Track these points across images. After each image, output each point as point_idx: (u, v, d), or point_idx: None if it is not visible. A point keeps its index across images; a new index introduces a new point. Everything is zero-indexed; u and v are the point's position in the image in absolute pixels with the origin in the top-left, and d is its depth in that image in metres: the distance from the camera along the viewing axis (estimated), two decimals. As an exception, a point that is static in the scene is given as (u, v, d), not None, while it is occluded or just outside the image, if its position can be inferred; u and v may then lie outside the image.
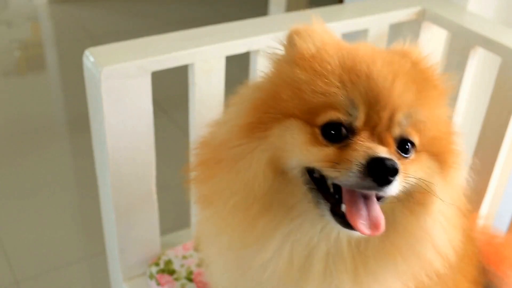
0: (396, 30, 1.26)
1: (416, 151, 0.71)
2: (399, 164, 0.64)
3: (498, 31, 1.14)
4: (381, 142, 0.67)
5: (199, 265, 1.18)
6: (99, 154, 1.09)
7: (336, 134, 0.68)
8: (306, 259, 0.73)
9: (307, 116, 0.69)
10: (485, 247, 1.01)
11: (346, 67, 0.70)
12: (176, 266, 1.19)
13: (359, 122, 0.68)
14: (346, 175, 0.64)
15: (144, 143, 1.06)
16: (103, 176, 1.10)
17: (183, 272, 1.18)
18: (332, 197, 0.68)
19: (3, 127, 2.46)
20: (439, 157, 0.74)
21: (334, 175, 0.65)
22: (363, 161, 0.63)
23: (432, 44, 1.29)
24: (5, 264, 1.80)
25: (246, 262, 0.77)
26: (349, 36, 1.17)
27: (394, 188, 0.65)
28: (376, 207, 0.68)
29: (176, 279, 1.16)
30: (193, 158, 0.81)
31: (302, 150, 0.68)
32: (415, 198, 0.71)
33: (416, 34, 1.26)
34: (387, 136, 0.68)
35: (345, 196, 0.67)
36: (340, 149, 0.67)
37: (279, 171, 0.71)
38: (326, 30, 0.77)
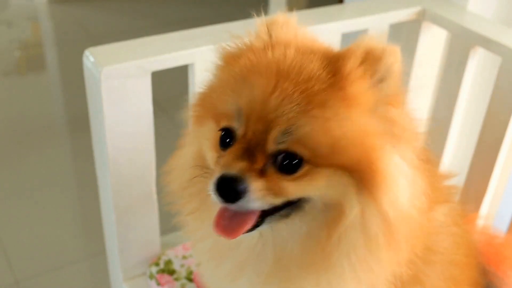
0: (396, 30, 1.26)
1: (313, 165, 0.67)
2: (248, 183, 0.65)
3: (498, 31, 1.14)
4: (250, 157, 0.67)
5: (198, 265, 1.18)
6: (99, 154, 1.09)
7: (226, 141, 0.71)
8: (231, 250, 0.77)
9: (215, 119, 0.73)
10: (485, 248, 1.01)
11: (242, 75, 0.70)
12: (176, 266, 1.19)
13: (239, 132, 0.69)
14: (210, 187, 0.67)
15: (144, 143, 1.06)
16: (103, 176, 1.10)
17: (183, 272, 1.18)
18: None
19: (3, 127, 2.46)
20: (357, 173, 0.67)
21: (211, 179, 0.68)
22: (217, 176, 0.66)
23: (432, 44, 1.29)
24: (5, 264, 1.80)
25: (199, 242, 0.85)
26: (349, 36, 1.17)
27: (250, 203, 0.66)
28: (244, 217, 0.69)
29: (176, 279, 1.16)
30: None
31: (206, 150, 0.75)
32: (330, 210, 0.70)
33: (416, 34, 1.26)
34: (258, 151, 0.67)
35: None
36: (219, 158, 0.71)
37: (203, 164, 0.76)
38: (291, 25, 0.78)
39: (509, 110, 1.09)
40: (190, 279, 1.17)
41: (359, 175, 0.67)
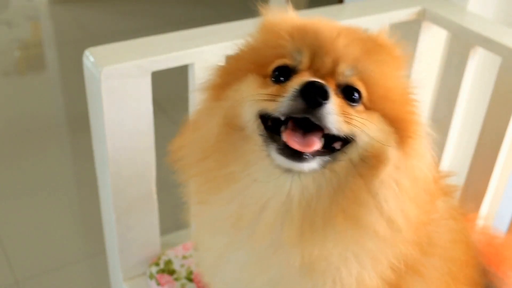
0: (396, 30, 1.26)
1: (365, 107, 0.73)
2: (331, 90, 0.67)
3: (498, 31, 1.14)
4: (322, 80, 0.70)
5: (198, 265, 1.18)
6: (99, 154, 1.09)
7: (282, 75, 0.73)
8: (256, 213, 0.75)
9: (261, 68, 0.75)
10: (485, 248, 1.01)
11: (296, 26, 0.76)
12: (176, 266, 1.19)
13: (303, 66, 0.72)
14: (281, 103, 0.67)
15: (144, 143, 1.06)
16: (103, 176, 1.10)
17: (183, 272, 1.18)
18: (280, 139, 0.70)
19: (3, 127, 2.46)
20: (395, 123, 0.74)
21: (272, 107, 0.69)
22: (297, 87, 0.67)
23: (432, 44, 1.29)
24: (5, 264, 1.80)
25: (210, 215, 0.81)
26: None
27: (331, 119, 0.67)
28: (313, 136, 0.69)
29: (176, 279, 1.16)
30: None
31: (252, 95, 0.73)
32: (366, 161, 0.72)
33: (416, 34, 1.26)
34: (328, 79, 0.71)
35: (287, 129, 0.70)
36: (283, 86, 0.71)
37: (236, 127, 0.75)
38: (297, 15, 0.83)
39: (509, 110, 1.09)
40: (190, 279, 1.17)
41: (399, 129, 0.74)
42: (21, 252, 1.85)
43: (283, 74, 0.73)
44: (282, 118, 0.69)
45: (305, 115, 0.66)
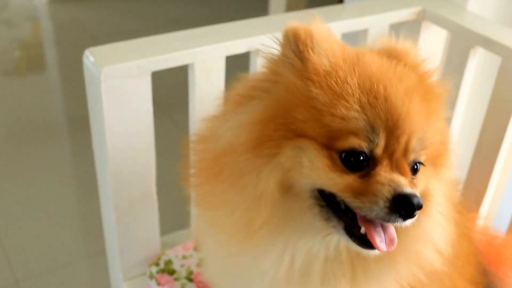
0: (396, 30, 1.26)
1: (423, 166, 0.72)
2: (422, 199, 0.65)
3: (498, 31, 1.14)
4: (400, 170, 0.67)
5: (199, 265, 1.18)
6: (99, 154, 1.09)
7: (357, 161, 0.66)
8: (306, 266, 0.73)
9: (324, 139, 0.66)
10: (485, 248, 1.01)
11: (364, 88, 0.67)
12: (176, 266, 1.19)
13: (379, 149, 0.66)
14: (371, 209, 0.64)
15: (144, 143, 1.06)
16: (103, 176, 1.10)
17: (183, 272, 1.18)
18: (345, 216, 0.68)
19: (3, 127, 2.46)
20: (435, 159, 0.74)
21: (357, 206, 0.65)
22: (389, 196, 0.63)
23: (432, 44, 1.29)
24: (5, 264, 1.80)
25: (246, 269, 0.77)
26: (349, 36, 1.17)
27: (416, 216, 0.66)
28: (393, 232, 0.68)
29: (176, 279, 1.16)
30: (191, 155, 0.80)
31: (320, 175, 0.66)
32: None
33: (416, 34, 1.26)
34: (404, 163, 0.67)
35: (360, 218, 0.67)
36: (362, 178, 0.66)
37: (286, 189, 0.69)
38: (329, 33, 0.74)
39: (509, 110, 1.09)
40: (190, 279, 1.17)
41: (437, 161, 0.74)
42: (21, 252, 1.85)
43: (356, 157, 0.66)
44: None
45: (396, 223, 0.66)
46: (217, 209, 0.75)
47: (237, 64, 1.24)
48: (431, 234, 0.74)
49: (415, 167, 0.70)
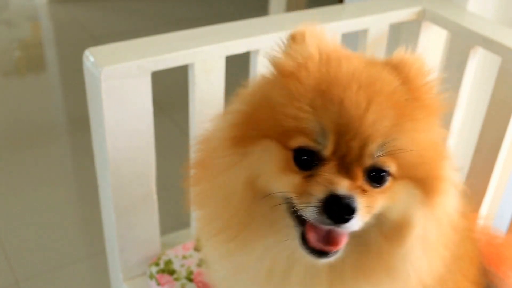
0: (396, 30, 1.26)
1: (394, 178, 0.68)
2: (358, 202, 0.62)
3: (498, 31, 1.14)
4: (348, 173, 0.65)
5: (199, 265, 1.18)
6: (99, 154, 1.09)
7: (306, 161, 0.66)
8: (286, 271, 0.73)
9: (280, 138, 0.67)
10: (486, 248, 1.01)
11: (320, 91, 0.66)
12: (176, 266, 1.19)
13: (327, 151, 0.65)
14: (306, 209, 0.64)
15: (144, 143, 1.06)
16: (103, 176, 1.10)
17: (183, 272, 1.18)
18: (304, 223, 0.68)
19: (3, 126, 2.46)
20: (423, 183, 0.69)
21: (298, 207, 0.65)
22: (321, 196, 0.62)
23: (432, 44, 1.29)
24: (5, 264, 1.80)
25: (238, 270, 0.78)
26: (349, 36, 1.17)
27: (354, 224, 0.64)
28: (339, 235, 0.67)
29: (176, 279, 1.16)
30: (193, 155, 0.81)
31: (275, 178, 0.67)
32: (389, 225, 0.70)
33: (416, 34, 1.26)
34: (355, 167, 0.65)
35: (308, 223, 0.66)
36: (306, 178, 0.65)
37: (260, 193, 0.69)
38: (318, 34, 0.73)
39: (509, 110, 1.09)
40: (190, 279, 1.17)
41: (424, 184, 0.69)
42: (21, 252, 1.85)
43: (307, 157, 0.66)
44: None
45: (330, 226, 0.64)
46: (204, 207, 0.77)
47: (237, 64, 1.25)
48: (407, 260, 0.71)
49: (381, 174, 0.66)
